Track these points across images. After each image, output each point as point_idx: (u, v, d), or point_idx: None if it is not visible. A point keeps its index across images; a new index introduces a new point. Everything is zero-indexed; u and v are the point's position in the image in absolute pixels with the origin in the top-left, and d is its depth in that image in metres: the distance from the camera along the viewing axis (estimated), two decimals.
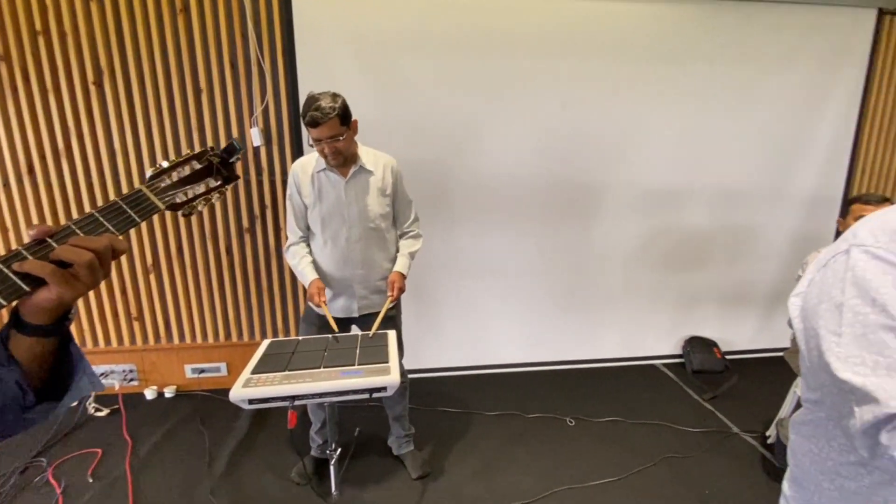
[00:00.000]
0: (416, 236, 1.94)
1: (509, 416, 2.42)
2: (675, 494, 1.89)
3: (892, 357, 0.53)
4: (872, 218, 0.63)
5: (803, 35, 2.67)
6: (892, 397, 0.52)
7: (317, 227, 1.74)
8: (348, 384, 1.21)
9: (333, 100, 1.55)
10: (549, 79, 2.54)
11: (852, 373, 0.56)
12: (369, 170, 1.73)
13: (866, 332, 0.56)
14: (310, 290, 1.68)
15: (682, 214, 2.87)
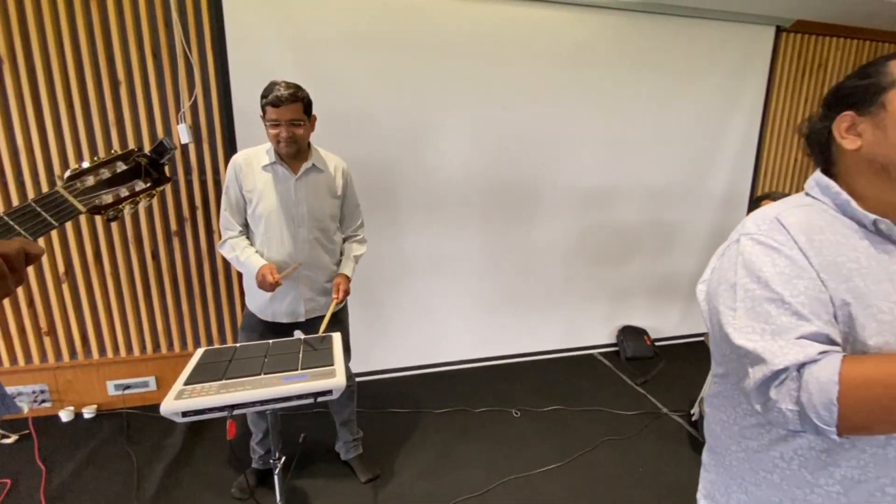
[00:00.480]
0: (362, 241, 1.92)
1: (458, 412, 2.45)
2: (614, 474, 2.01)
3: (776, 324, 0.61)
4: (757, 211, 0.73)
5: (714, 48, 2.94)
6: (776, 356, 0.59)
7: (259, 224, 1.66)
8: (291, 390, 1.18)
9: (297, 86, 1.54)
10: (489, 82, 2.60)
11: (746, 339, 0.63)
12: (321, 168, 1.69)
13: (755, 306, 0.64)
14: (261, 273, 1.55)
15: (614, 213, 3.05)
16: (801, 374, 0.57)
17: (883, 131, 0.65)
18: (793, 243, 0.65)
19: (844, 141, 0.69)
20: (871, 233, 0.65)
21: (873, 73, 0.68)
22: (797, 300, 0.61)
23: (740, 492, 0.76)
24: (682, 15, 2.80)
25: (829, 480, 0.64)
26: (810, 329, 0.59)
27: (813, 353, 0.58)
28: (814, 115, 0.76)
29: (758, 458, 0.72)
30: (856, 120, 0.68)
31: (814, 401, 0.56)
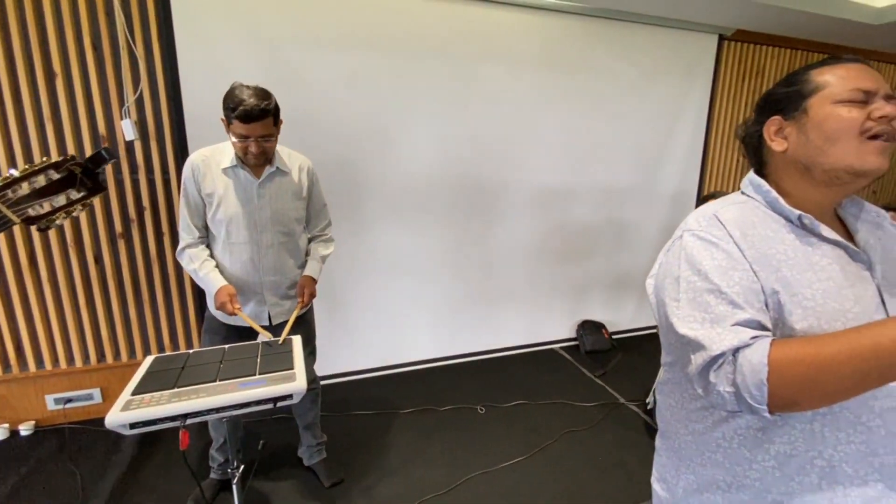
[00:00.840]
0: (329, 240, 1.87)
1: (423, 411, 2.45)
2: (575, 465, 2.07)
3: (714, 312, 0.66)
4: (699, 209, 0.78)
5: (663, 54, 3.09)
6: (714, 343, 0.64)
7: (220, 228, 1.58)
8: (249, 395, 1.14)
9: (266, 96, 1.45)
10: (452, 83, 2.62)
11: (688, 328, 0.68)
12: (285, 171, 1.63)
13: (696, 296, 0.68)
14: (219, 298, 1.51)
15: (572, 212, 3.15)
16: (736, 358, 0.62)
17: (805, 135, 0.70)
18: (729, 238, 0.69)
19: (773, 143, 0.74)
20: (797, 227, 0.71)
21: (797, 81, 0.73)
22: (733, 290, 0.66)
23: (688, 472, 0.80)
24: (633, 21, 2.92)
25: (766, 456, 0.69)
26: (744, 316, 0.64)
27: (746, 338, 0.62)
28: (748, 119, 0.81)
29: (703, 439, 0.77)
30: (783, 124, 0.73)
31: (747, 382, 0.60)
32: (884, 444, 0.64)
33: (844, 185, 0.70)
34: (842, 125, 0.67)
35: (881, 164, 0.66)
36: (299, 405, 1.88)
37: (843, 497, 0.65)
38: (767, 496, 0.69)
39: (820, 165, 0.69)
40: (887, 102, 0.66)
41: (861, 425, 0.64)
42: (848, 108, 0.67)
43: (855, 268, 0.68)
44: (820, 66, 0.72)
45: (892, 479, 0.64)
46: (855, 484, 0.64)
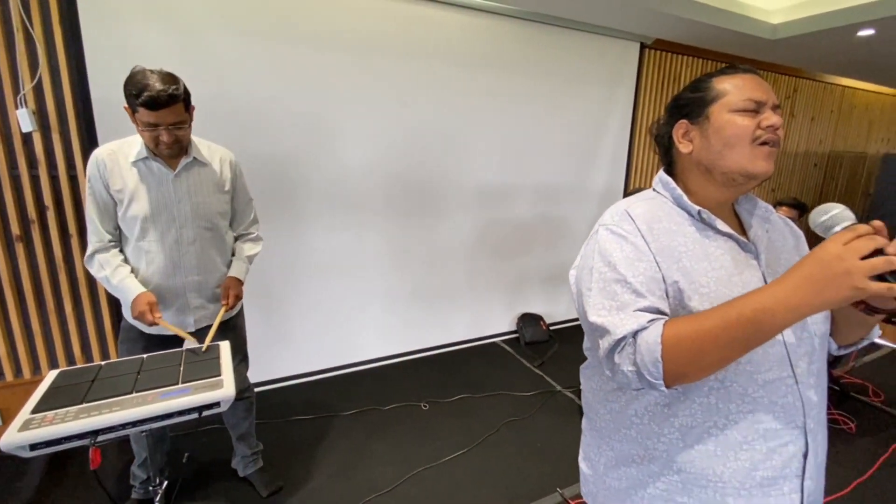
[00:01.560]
0: (256, 239, 1.78)
1: (367, 411, 2.42)
2: (516, 452, 2.14)
3: (620, 300, 0.71)
4: (614, 205, 0.84)
5: (593, 58, 3.26)
6: (617, 327, 0.69)
7: (134, 227, 1.45)
8: (170, 406, 1.07)
9: (173, 80, 1.33)
10: (389, 77, 2.60)
11: (597, 315, 0.73)
12: (203, 162, 1.53)
13: (605, 286, 0.74)
14: (137, 307, 1.39)
15: (510, 208, 3.24)
16: (636, 340, 0.67)
17: (707, 139, 0.77)
18: (637, 232, 0.75)
19: (680, 145, 0.81)
20: (697, 221, 0.78)
21: (701, 88, 0.80)
22: (637, 280, 0.71)
23: (608, 449, 0.86)
24: (563, 26, 3.06)
25: (671, 429, 0.76)
26: (645, 304, 0.70)
27: (644, 321, 0.68)
28: (661, 118, 0.88)
29: (619, 417, 0.83)
30: (688, 128, 0.80)
31: (645, 360, 0.66)
32: (767, 412, 0.72)
33: (739, 186, 0.78)
34: (737, 132, 0.74)
35: (768, 169, 0.74)
36: (232, 415, 1.79)
37: (733, 459, 0.73)
38: (673, 465, 0.76)
39: (719, 168, 0.76)
40: (774, 112, 0.74)
41: (748, 396, 0.72)
42: (742, 116, 0.74)
43: (744, 257, 0.76)
44: (720, 75, 0.79)
45: (773, 440, 0.72)
46: (743, 448, 0.72)
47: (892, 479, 2.01)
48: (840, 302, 0.58)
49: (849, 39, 3.24)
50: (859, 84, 5.02)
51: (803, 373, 0.74)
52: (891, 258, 0.55)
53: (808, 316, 0.60)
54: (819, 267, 0.58)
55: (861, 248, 0.56)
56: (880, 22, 2.87)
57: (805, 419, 0.73)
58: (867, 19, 2.83)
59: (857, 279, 0.55)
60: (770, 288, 0.62)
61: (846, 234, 0.59)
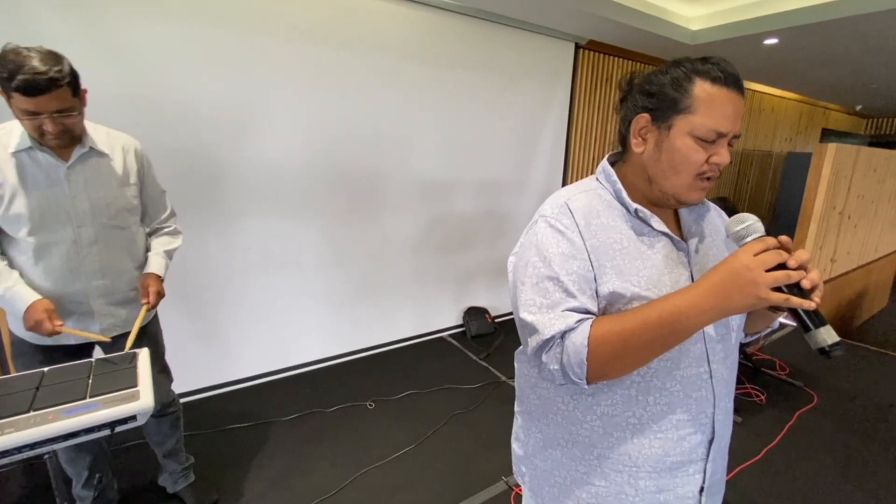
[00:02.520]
0: (174, 232, 1.64)
1: (309, 415, 2.34)
2: (462, 444, 2.16)
3: (551, 299, 0.72)
4: (555, 193, 0.84)
5: (532, 56, 3.34)
6: (546, 327, 0.70)
7: (18, 227, 1.27)
8: (75, 423, 0.96)
9: (56, 59, 1.16)
10: (327, 68, 2.51)
11: (528, 312, 0.73)
12: (102, 152, 1.37)
13: (538, 282, 0.73)
14: (32, 317, 1.22)
15: (454, 204, 3.26)
16: (564, 341, 0.69)
17: (658, 153, 0.73)
18: (575, 227, 0.75)
19: (634, 141, 0.76)
20: (634, 218, 0.78)
21: (681, 87, 0.70)
22: (569, 279, 0.72)
23: (537, 431, 0.88)
24: (502, 23, 3.11)
25: (593, 417, 0.78)
26: (575, 304, 0.71)
27: (572, 322, 0.69)
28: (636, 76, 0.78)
29: (547, 403, 0.85)
30: (648, 126, 0.74)
31: (571, 361, 0.67)
32: (680, 404, 0.76)
33: (670, 204, 0.78)
34: (686, 162, 0.71)
35: (699, 199, 0.76)
36: (157, 433, 1.65)
37: (647, 447, 0.77)
38: (594, 450, 0.79)
39: (659, 185, 0.76)
40: (726, 149, 0.71)
41: (665, 390, 0.76)
42: (698, 145, 0.70)
43: (677, 255, 0.78)
44: (706, 79, 0.69)
45: (683, 429, 0.77)
46: (657, 437, 0.76)
47: (797, 443, 2.24)
48: (746, 308, 0.63)
49: (757, 47, 3.56)
50: (767, 89, 5.54)
51: (719, 368, 0.78)
52: (790, 273, 0.61)
53: (721, 318, 0.64)
54: (730, 275, 0.63)
55: (767, 261, 0.61)
56: (783, 32, 3.17)
57: (714, 410, 0.78)
58: (772, 29, 3.11)
59: (760, 290, 0.61)
60: (687, 291, 0.65)
61: (757, 244, 0.63)
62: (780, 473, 2.03)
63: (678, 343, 0.67)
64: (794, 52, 3.66)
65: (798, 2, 2.92)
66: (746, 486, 1.94)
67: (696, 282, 0.66)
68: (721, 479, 0.86)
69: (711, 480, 0.81)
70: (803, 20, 2.93)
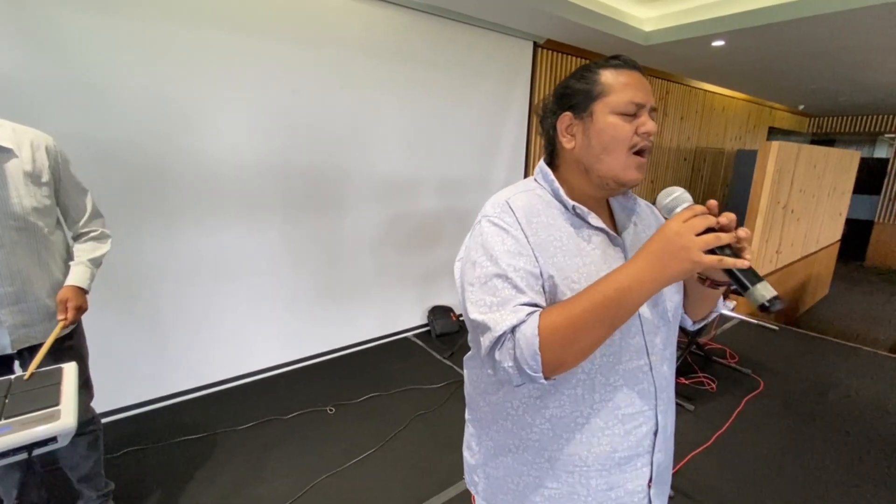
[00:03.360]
0: (101, 237, 1.51)
1: (265, 423, 2.26)
2: (424, 447, 2.14)
3: (500, 296, 0.71)
4: (496, 195, 0.83)
5: (491, 54, 3.35)
6: (497, 324, 0.69)
7: None
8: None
9: None
10: (278, 63, 2.42)
11: (478, 312, 0.72)
12: (6, 147, 1.26)
13: (486, 281, 0.73)
14: None
15: (417, 201, 3.23)
16: (515, 334, 0.68)
17: (588, 140, 0.76)
18: (517, 224, 0.75)
19: (563, 139, 0.79)
20: (572, 216, 0.79)
21: (589, 79, 0.77)
22: (517, 275, 0.71)
23: (488, 439, 0.87)
24: (462, 21, 3.10)
25: (542, 420, 0.78)
26: (524, 299, 0.70)
27: (522, 315, 0.68)
28: (546, 100, 0.83)
29: (497, 409, 0.84)
30: (573, 122, 0.78)
31: (524, 354, 0.66)
32: (625, 399, 0.77)
33: (612, 190, 0.80)
34: (616, 137, 0.74)
35: (638, 178, 0.77)
36: (71, 455, 1.51)
37: (596, 445, 0.77)
38: (544, 453, 0.79)
39: (596, 171, 0.77)
40: (650, 118, 0.75)
41: (609, 385, 0.76)
42: (622, 120, 0.74)
43: (613, 251, 0.79)
44: (607, 67, 0.77)
45: (629, 423, 0.78)
46: (605, 434, 0.77)
47: (745, 429, 2.35)
48: (684, 273, 0.63)
49: (705, 48, 3.69)
50: (717, 89, 5.78)
51: (658, 360, 0.80)
52: (719, 234, 0.62)
53: (662, 288, 0.65)
54: (663, 243, 0.64)
55: (697, 226, 0.63)
56: (729, 34, 3.30)
57: (657, 401, 0.79)
58: (718, 31, 3.24)
59: (693, 253, 0.61)
60: (626, 267, 0.66)
61: (686, 212, 0.65)
62: (729, 459, 2.12)
63: (626, 319, 0.67)
64: (739, 53, 3.83)
65: (742, 6, 3.04)
66: (697, 473, 2.01)
67: (634, 256, 0.66)
68: (667, 468, 0.87)
69: (658, 471, 0.82)
70: (747, 23, 3.06)
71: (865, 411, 2.55)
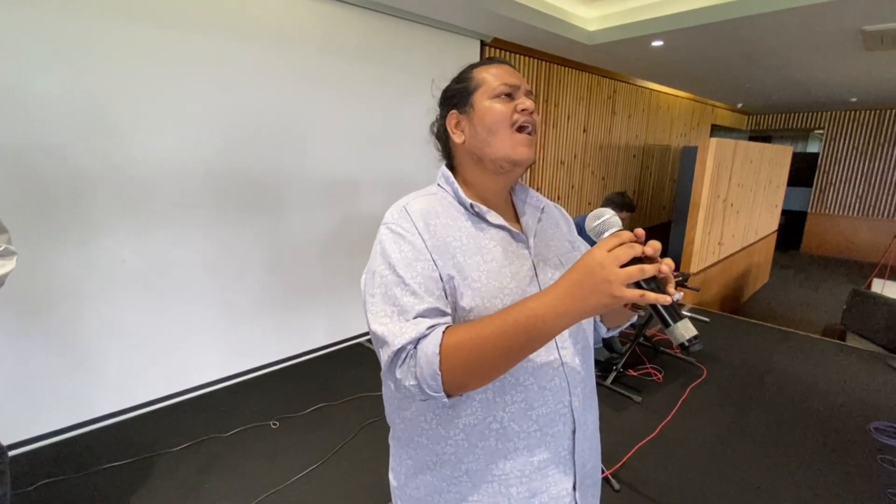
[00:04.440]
0: (5, 254, 1.38)
1: (203, 442, 2.13)
2: (373, 455, 2.07)
3: (400, 305, 0.67)
4: (396, 202, 0.80)
5: (438, 52, 3.31)
6: (396, 337, 0.64)
7: None
8: None
9: None
10: (208, 60, 2.29)
11: (378, 324, 0.68)
12: None
13: (386, 290, 0.69)
14: None
15: (366, 201, 3.15)
16: (416, 351, 0.64)
17: (474, 128, 0.78)
18: (414, 229, 0.72)
19: (454, 135, 0.81)
20: (472, 215, 0.77)
21: (465, 78, 0.81)
22: (415, 281, 0.68)
23: (407, 458, 0.82)
24: (408, 18, 3.05)
25: (456, 431, 0.74)
26: (424, 306, 0.66)
27: (423, 328, 0.64)
28: (436, 118, 0.87)
29: (412, 425, 0.79)
30: (459, 118, 0.80)
31: (424, 373, 0.62)
32: (537, 398, 0.74)
33: (508, 173, 0.79)
34: (496, 117, 0.76)
35: (529, 155, 0.77)
36: None
37: (513, 451, 0.74)
38: (461, 466, 0.75)
39: (488, 155, 0.77)
40: (527, 97, 0.78)
41: (520, 385, 0.73)
42: (500, 102, 0.77)
43: (516, 247, 0.78)
44: (479, 66, 0.81)
45: (547, 425, 0.75)
46: (521, 438, 0.74)
47: (689, 417, 2.42)
48: (603, 308, 0.60)
49: (646, 48, 3.81)
50: (662, 88, 6.00)
51: (569, 354, 0.77)
52: (643, 267, 0.58)
53: (579, 321, 0.62)
54: (585, 274, 0.60)
55: (621, 256, 0.59)
56: (666, 34, 3.41)
57: (571, 398, 0.77)
58: (657, 31, 3.34)
59: (614, 287, 0.58)
60: (542, 295, 0.63)
61: (611, 240, 0.61)
62: (674, 448, 2.17)
63: (536, 349, 0.65)
64: (677, 53, 3.97)
65: (677, 7, 3.15)
66: (644, 465, 2.05)
67: (554, 284, 0.63)
68: (594, 469, 0.85)
69: (583, 473, 0.80)
70: (682, 24, 3.17)
71: (798, 392, 2.69)
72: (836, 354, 3.24)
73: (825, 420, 2.41)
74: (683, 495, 1.87)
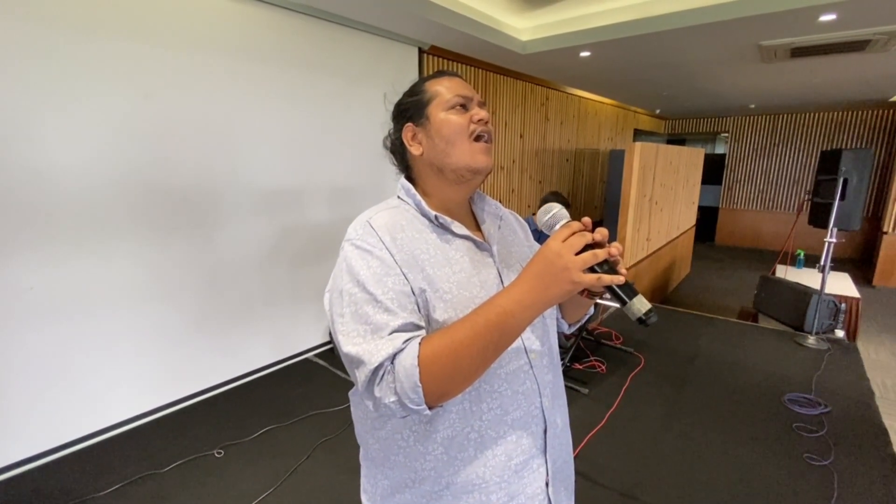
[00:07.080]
0: None
1: (139, 480, 1.94)
2: (329, 477, 2.00)
3: (373, 322, 0.65)
4: (358, 217, 0.78)
5: (374, 58, 3.28)
6: (373, 355, 0.63)
7: None
8: None
9: None
10: (125, 65, 2.10)
11: (352, 345, 0.65)
12: None
13: (357, 309, 0.67)
14: None
15: (307, 212, 3.04)
16: (394, 366, 0.62)
17: (432, 139, 0.78)
18: (381, 244, 0.71)
19: (412, 148, 0.80)
20: (437, 227, 0.77)
21: (418, 91, 0.82)
22: (387, 297, 0.67)
23: (383, 478, 0.80)
24: (345, 24, 3.00)
25: (434, 445, 0.73)
26: (398, 322, 0.65)
27: (399, 343, 0.63)
28: (390, 129, 0.87)
29: (387, 444, 0.77)
30: (415, 130, 0.80)
31: (405, 387, 0.61)
32: (511, 403, 0.76)
33: (468, 182, 0.80)
34: (454, 129, 0.77)
35: (488, 162, 0.79)
36: None
37: (491, 458, 0.74)
38: (442, 480, 0.74)
39: (448, 166, 0.78)
40: (481, 108, 0.80)
41: (495, 392, 0.74)
42: (455, 113, 0.78)
43: (481, 256, 0.79)
44: (431, 79, 0.82)
45: (521, 429, 0.77)
46: (498, 444, 0.75)
47: (632, 404, 2.57)
48: (565, 294, 0.63)
49: (575, 58, 4.03)
50: (590, 95, 6.37)
51: (537, 356, 0.79)
52: (595, 252, 0.62)
53: (545, 310, 0.64)
54: (544, 265, 0.63)
55: (575, 245, 0.62)
56: (593, 46, 3.63)
57: (541, 399, 0.79)
58: (585, 42, 3.54)
59: (573, 274, 0.61)
60: (508, 291, 0.65)
61: (564, 231, 0.65)
62: (621, 434, 2.30)
63: (510, 344, 0.66)
64: (603, 62, 4.24)
65: (603, 20, 3.36)
66: (594, 453, 2.15)
67: (517, 279, 0.65)
68: (565, 464, 0.88)
69: (555, 469, 0.82)
70: (607, 36, 3.39)
71: (723, 372, 2.96)
72: (751, 335, 3.60)
73: (748, 395, 2.66)
74: (636, 478, 1.99)
